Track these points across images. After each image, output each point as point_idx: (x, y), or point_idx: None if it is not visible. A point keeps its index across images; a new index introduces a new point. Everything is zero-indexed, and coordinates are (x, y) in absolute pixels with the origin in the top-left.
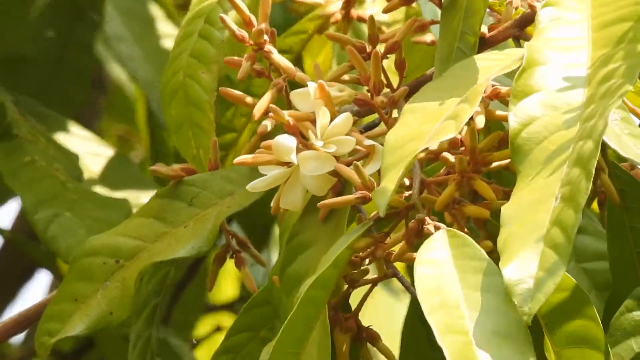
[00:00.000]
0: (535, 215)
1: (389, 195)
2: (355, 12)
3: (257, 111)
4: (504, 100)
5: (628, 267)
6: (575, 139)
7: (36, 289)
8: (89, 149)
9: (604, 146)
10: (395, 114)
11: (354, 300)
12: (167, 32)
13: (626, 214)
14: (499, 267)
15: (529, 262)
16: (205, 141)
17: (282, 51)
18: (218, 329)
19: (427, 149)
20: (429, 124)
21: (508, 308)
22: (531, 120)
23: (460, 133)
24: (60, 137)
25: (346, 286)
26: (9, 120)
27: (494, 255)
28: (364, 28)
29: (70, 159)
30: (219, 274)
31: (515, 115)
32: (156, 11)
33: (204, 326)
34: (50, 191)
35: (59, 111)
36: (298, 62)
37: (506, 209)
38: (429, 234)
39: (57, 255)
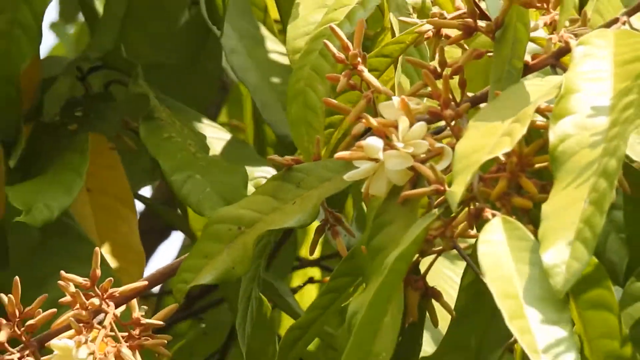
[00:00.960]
0: (569, 214)
1: (460, 196)
2: (443, 31)
3: (352, 117)
4: (542, 114)
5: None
6: (601, 156)
7: (171, 246)
8: (213, 134)
9: None
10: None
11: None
12: (272, 48)
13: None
14: None
15: (563, 251)
16: (314, 138)
17: (383, 55)
18: (311, 279)
19: None
20: (489, 138)
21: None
22: (566, 137)
23: None
24: (191, 124)
25: (417, 256)
26: (151, 106)
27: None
28: None
29: (200, 138)
30: (306, 236)
31: (554, 132)
32: (264, 32)
33: (295, 278)
34: (184, 160)
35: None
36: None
37: (546, 207)
38: (486, 219)
39: (189, 207)
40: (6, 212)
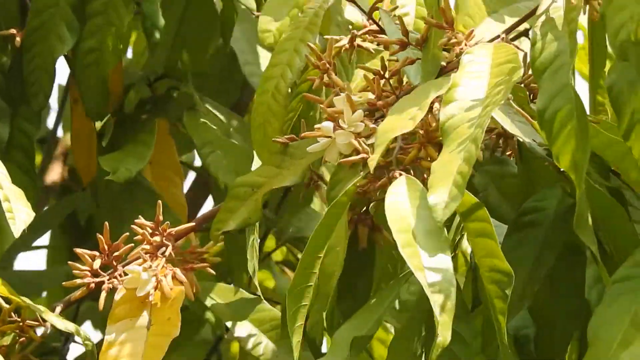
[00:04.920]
0: (448, 168)
1: (376, 161)
2: (356, 43)
3: (325, 104)
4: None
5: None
6: (472, 128)
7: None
8: (239, 126)
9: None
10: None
11: None
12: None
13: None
14: None
15: (443, 194)
16: (272, 151)
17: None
18: None
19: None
20: (399, 121)
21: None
22: (452, 116)
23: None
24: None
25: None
26: (194, 101)
27: None
28: None
29: (225, 126)
30: None
31: (443, 113)
32: (265, 50)
33: None
34: (210, 138)
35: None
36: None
37: (434, 164)
38: (395, 177)
39: (209, 172)
40: (97, 174)
